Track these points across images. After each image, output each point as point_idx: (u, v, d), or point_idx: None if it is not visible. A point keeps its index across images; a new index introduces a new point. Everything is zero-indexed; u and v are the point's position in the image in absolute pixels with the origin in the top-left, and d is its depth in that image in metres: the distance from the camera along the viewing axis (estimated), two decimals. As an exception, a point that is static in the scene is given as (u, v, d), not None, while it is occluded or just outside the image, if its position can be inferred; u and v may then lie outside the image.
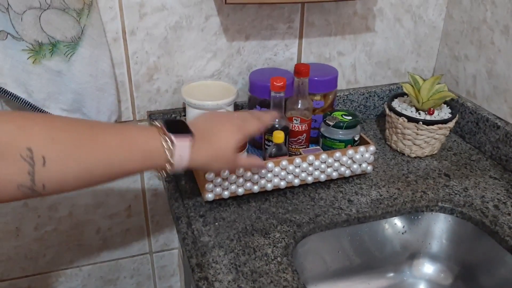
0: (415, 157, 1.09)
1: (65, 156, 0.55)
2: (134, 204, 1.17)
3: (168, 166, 0.66)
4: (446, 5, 1.19)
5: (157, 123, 0.67)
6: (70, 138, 0.57)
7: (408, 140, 1.07)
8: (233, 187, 0.90)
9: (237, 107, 1.11)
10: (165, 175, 0.73)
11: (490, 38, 1.08)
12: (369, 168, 0.99)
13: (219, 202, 0.92)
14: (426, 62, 1.25)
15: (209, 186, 0.88)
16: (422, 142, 1.06)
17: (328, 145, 0.99)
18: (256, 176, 0.90)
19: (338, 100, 1.19)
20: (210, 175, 0.87)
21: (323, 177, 0.96)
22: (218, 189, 0.89)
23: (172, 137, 0.65)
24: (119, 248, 1.21)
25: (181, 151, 0.66)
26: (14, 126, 0.53)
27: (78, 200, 1.11)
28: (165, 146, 0.65)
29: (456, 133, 1.19)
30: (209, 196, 0.89)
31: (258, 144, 1.08)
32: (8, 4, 0.83)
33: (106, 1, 0.93)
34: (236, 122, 0.75)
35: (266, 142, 0.98)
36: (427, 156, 1.10)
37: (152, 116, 1.06)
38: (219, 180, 0.88)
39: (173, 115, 1.07)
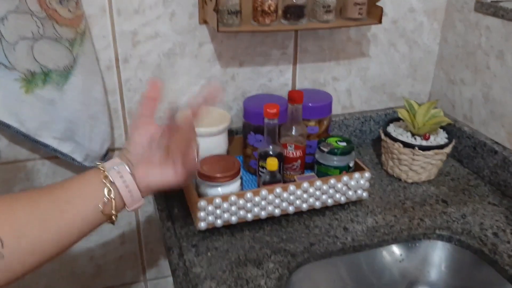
0: (412, 183, 1.08)
1: (18, 232, 0.56)
2: (128, 231, 1.15)
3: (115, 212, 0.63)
4: (440, 30, 1.19)
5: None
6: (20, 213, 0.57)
7: (405, 165, 1.06)
8: (226, 215, 0.88)
9: (232, 132, 1.11)
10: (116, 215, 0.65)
11: (486, 62, 1.08)
12: (365, 194, 0.98)
13: (212, 231, 0.90)
14: (422, 86, 1.25)
15: (202, 214, 0.86)
16: (419, 167, 1.05)
17: (323, 172, 0.98)
18: (249, 204, 0.89)
19: (334, 125, 1.18)
20: (201, 203, 0.85)
21: (318, 204, 0.95)
22: (210, 218, 0.88)
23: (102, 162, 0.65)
24: (112, 275, 1.19)
25: (117, 171, 0.63)
26: None
27: (71, 228, 1.10)
28: (101, 169, 0.63)
29: (453, 157, 1.18)
30: (202, 225, 0.88)
31: (252, 170, 1.07)
32: (1, 34, 0.83)
33: (99, 30, 0.93)
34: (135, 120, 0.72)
35: (260, 169, 0.97)
36: (424, 181, 1.08)
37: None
38: (211, 208, 0.86)
39: (167, 142, 1.06)
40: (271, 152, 0.95)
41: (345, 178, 0.94)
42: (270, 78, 1.10)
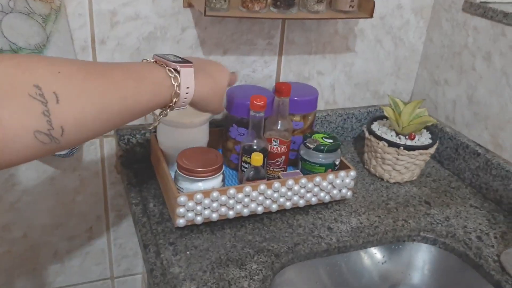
0: (394, 183, 1.06)
1: (78, 92, 0.50)
2: (96, 225, 1.08)
3: (174, 98, 0.63)
4: (426, 28, 1.17)
5: (155, 58, 0.65)
6: (78, 73, 0.52)
7: (388, 165, 1.04)
8: (206, 212, 0.83)
9: (211, 124, 1.05)
10: (166, 113, 0.68)
11: (472, 64, 1.06)
12: (349, 193, 0.94)
13: (191, 228, 0.85)
14: (404, 85, 1.23)
15: (181, 210, 0.81)
16: (402, 167, 1.03)
17: (308, 169, 0.94)
18: (232, 201, 0.84)
19: (316, 120, 1.15)
20: (181, 199, 0.80)
21: (302, 202, 0.91)
22: (190, 214, 0.82)
23: (177, 66, 0.63)
24: (77, 272, 1.12)
25: (186, 80, 0.64)
26: (15, 65, 0.47)
27: (34, 220, 1.02)
28: (171, 75, 0.62)
29: (434, 158, 1.16)
30: (181, 222, 0.82)
31: (232, 165, 1.02)
32: (-35, 5, 0.75)
33: (75, 7, 0.86)
34: (226, 69, 0.76)
35: (243, 164, 0.93)
36: (406, 182, 1.06)
37: (120, 131, 0.98)
38: (191, 204, 0.81)
39: (142, 131, 1.00)
40: (255, 147, 0.90)
41: (330, 176, 0.91)
42: (254, 69, 1.05)
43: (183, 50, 0.97)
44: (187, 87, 0.64)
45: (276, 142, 0.94)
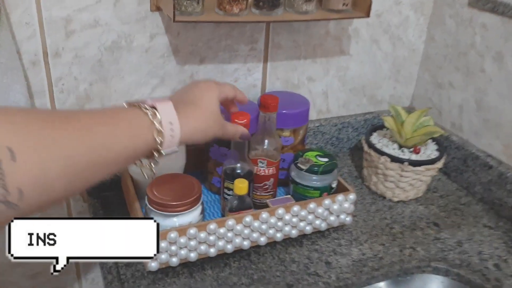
0: (398, 201, 0.94)
1: (36, 145, 0.42)
2: (63, 259, 0.96)
3: (158, 139, 0.54)
4: (427, 26, 1.05)
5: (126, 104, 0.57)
6: (35, 122, 0.44)
7: (391, 182, 0.92)
8: (183, 252, 0.71)
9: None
10: (156, 161, 0.58)
11: (480, 65, 0.95)
12: (348, 219, 0.83)
13: (166, 271, 0.73)
14: (404, 88, 1.12)
15: (153, 253, 0.69)
16: (407, 184, 0.91)
17: (300, 193, 0.83)
18: (212, 237, 0.72)
19: (308, 132, 1.03)
20: (154, 240, 0.68)
21: (294, 232, 0.79)
22: (164, 256, 0.70)
23: (154, 103, 0.56)
24: (45, 311, 0.99)
25: (167, 115, 0.56)
26: None
27: (-10, 258, 0.89)
28: (148, 111, 0.54)
29: (440, 170, 1.05)
30: (153, 266, 0.70)
31: (215, 189, 0.90)
32: None
33: (20, 15, 0.73)
34: (209, 81, 0.67)
35: (225, 191, 0.80)
36: (411, 200, 0.95)
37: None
38: (164, 244, 0.69)
39: (110, 155, 0.87)
40: (239, 171, 0.78)
41: (327, 201, 0.79)
42: (236, 78, 0.93)
43: (154, 60, 0.84)
44: (170, 123, 0.56)
45: (263, 164, 0.82)
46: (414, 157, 0.91)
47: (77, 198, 0.91)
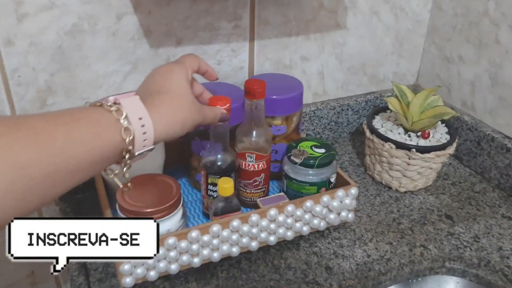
0: (405, 192, 0.85)
1: None
2: (39, 268, 0.87)
3: (126, 137, 0.47)
4: (433, -7, 0.94)
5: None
6: None
7: (397, 171, 0.82)
8: (162, 264, 0.62)
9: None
10: (128, 164, 0.51)
11: (494, 35, 0.84)
12: (351, 216, 0.73)
13: (144, 286, 0.64)
14: (409, 64, 1.01)
15: (125, 268, 0.60)
16: (415, 173, 0.82)
17: (295, 189, 0.73)
18: (195, 246, 0.63)
19: (303, 117, 0.93)
20: (126, 254, 0.58)
21: (290, 234, 0.70)
22: (140, 270, 0.61)
23: (117, 99, 0.49)
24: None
25: (134, 109, 0.49)
26: None
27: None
28: (112, 108, 0.48)
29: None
30: (128, 282, 0.61)
31: (199, 186, 0.80)
32: None
33: (-40, -2, 0.62)
34: (169, 64, 0.58)
35: (210, 187, 0.71)
36: (420, 189, 0.85)
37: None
38: (140, 258, 0.60)
39: (80, 153, 0.77)
40: (220, 163, 0.69)
41: (325, 198, 0.69)
42: (219, 60, 0.82)
43: (123, 44, 0.74)
44: (140, 118, 0.49)
45: (251, 158, 0.72)
46: (422, 142, 0.81)
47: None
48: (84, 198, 0.79)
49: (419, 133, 0.82)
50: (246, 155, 0.72)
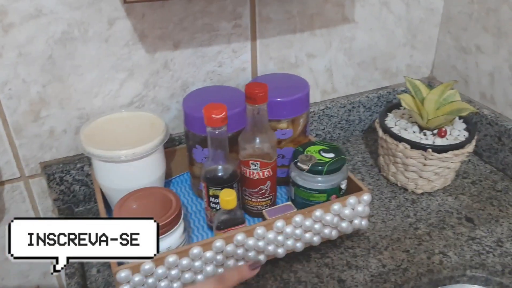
0: (422, 194, 0.80)
1: None
2: (44, 282, 0.85)
3: None
4: (446, -20, 0.89)
5: None
6: None
7: (413, 172, 0.77)
8: (163, 284, 0.59)
9: (173, 141, 0.80)
10: None
11: (514, 22, 0.78)
12: (364, 223, 0.69)
13: (145, 307, 0.60)
14: (423, 56, 0.95)
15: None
16: (432, 174, 0.77)
17: (303, 197, 0.69)
18: (198, 263, 0.59)
19: (312, 117, 0.88)
20: (122, 274, 0.55)
21: (299, 245, 0.66)
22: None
23: None
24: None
25: None
26: None
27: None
28: None
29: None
30: (128, 303, 0.58)
31: (201, 194, 0.76)
32: None
33: None
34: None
35: (212, 200, 0.67)
36: (438, 190, 0.80)
37: (47, 170, 0.73)
38: (138, 278, 0.56)
39: (78, 165, 0.74)
40: (220, 173, 0.65)
41: (336, 206, 0.65)
42: (220, 62, 0.78)
43: (117, 50, 0.70)
44: None
45: (255, 166, 0.68)
46: (438, 141, 0.76)
47: (49, 215, 0.79)
48: (85, 211, 0.76)
49: (435, 131, 0.77)
50: (250, 163, 0.68)
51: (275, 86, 0.72)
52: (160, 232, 0.58)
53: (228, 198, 0.61)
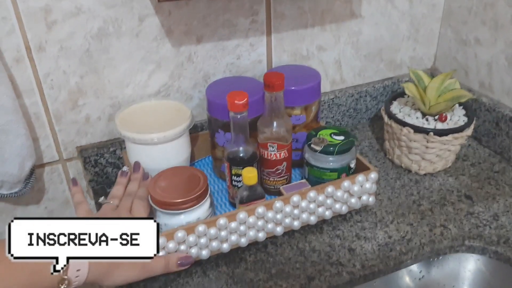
0: (424, 174, 0.87)
1: None
2: None
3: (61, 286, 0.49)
4: (447, -23, 0.95)
5: None
6: None
7: (416, 154, 0.84)
8: (193, 250, 0.66)
9: (196, 128, 0.87)
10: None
11: (510, 16, 0.85)
12: (371, 199, 0.76)
13: (178, 271, 0.68)
14: (425, 49, 1.02)
15: (160, 255, 0.64)
16: (433, 156, 0.84)
17: (316, 176, 0.76)
18: (224, 232, 0.67)
19: (322, 106, 0.95)
20: (160, 240, 0.63)
21: (313, 219, 0.73)
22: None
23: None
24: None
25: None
26: None
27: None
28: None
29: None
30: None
31: (224, 176, 0.84)
32: None
33: (-5, 9, 0.67)
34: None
35: (234, 178, 0.74)
36: (439, 171, 0.87)
37: (83, 152, 0.81)
38: (172, 245, 0.64)
39: (111, 149, 0.82)
40: (242, 154, 0.72)
41: (345, 183, 0.72)
42: (238, 55, 0.85)
43: (146, 44, 0.78)
44: (77, 270, 0.51)
45: (273, 148, 0.75)
46: (439, 125, 0.83)
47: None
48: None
49: (436, 117, 0.84)
50: (268, 145, 0.75)
51: (289, 76, 0.79)
52: (190, 204, 0.65)
53: (250, 174, 0.68)
